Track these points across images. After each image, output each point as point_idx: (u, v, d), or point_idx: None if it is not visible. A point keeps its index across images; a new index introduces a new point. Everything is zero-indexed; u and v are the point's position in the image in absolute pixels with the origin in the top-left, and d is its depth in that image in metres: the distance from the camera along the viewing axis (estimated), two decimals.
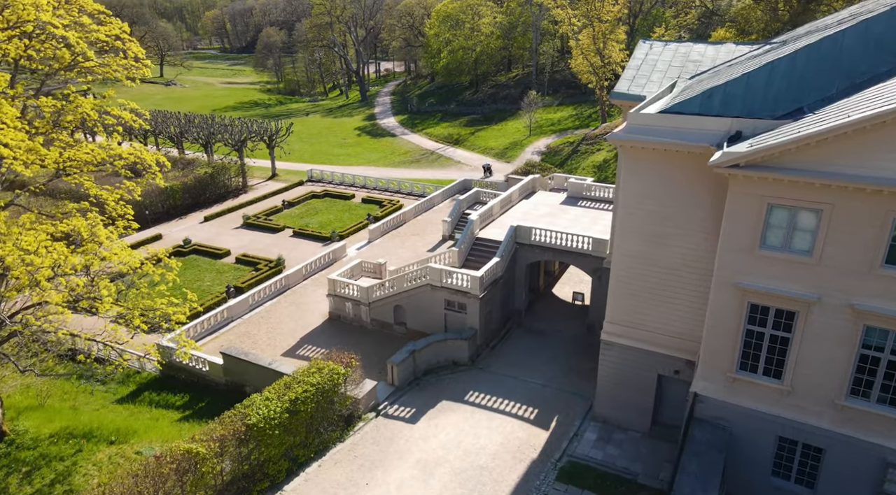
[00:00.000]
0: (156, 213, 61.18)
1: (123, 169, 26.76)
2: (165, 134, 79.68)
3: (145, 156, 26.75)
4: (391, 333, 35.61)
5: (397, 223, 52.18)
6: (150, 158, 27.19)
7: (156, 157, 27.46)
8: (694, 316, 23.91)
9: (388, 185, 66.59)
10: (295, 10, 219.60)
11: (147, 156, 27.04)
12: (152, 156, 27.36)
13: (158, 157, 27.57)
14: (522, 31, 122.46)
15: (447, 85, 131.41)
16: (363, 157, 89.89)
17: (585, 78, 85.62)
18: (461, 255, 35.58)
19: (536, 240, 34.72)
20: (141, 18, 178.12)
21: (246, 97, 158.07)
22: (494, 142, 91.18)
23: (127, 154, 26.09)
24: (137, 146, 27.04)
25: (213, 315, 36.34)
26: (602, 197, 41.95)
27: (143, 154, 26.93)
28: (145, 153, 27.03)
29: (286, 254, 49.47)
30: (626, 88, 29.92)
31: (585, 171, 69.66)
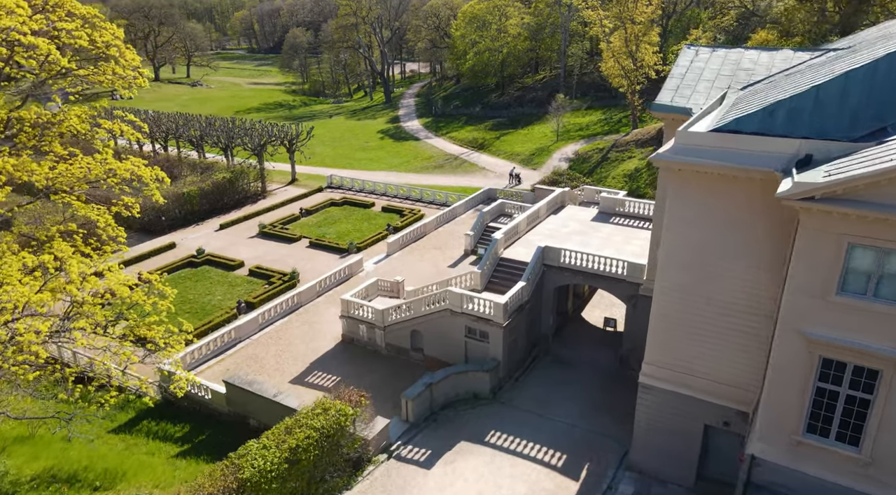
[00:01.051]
0: (173, 219, 59.78)
1: (120, 185, 24.67)
2: (186, 137, 78.53)
3: (143, 172, 24.69)
4: (407, 360, 33.18)
5: (417, 235, 49.77)
6: (147, 175, 25.14)
7: (154, 173, 25.39)
8: (748, 362, 20.98)
9: (409, 193, 64.27)
10: (322, 11, 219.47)
11: (145, 172, 24.99)
12: (151, 172, 25.29)
13: (157, 173, 25.49)
14: (550, 33, 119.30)
15: (473, 87, 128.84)
16: (385, 162, 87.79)
17: (616, 82, 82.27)
18: (484, 277, 32.99)
19: (566, 262, 31.96)
20: (169, 19, 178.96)
21: (270, 98, 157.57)
22: (520, 148, 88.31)
23: (123, 170, 23.97)
24: (136, 161, 24.96)
25: (220, 335, 34.32)
26: (636, 213, 38.95)
27: (141, 170, 24.87)
28: (143, 169, 24.97)
29: (301, 266, 47.43)
30: (669, 99, 27.03)
31: (616, 181, 66.47)
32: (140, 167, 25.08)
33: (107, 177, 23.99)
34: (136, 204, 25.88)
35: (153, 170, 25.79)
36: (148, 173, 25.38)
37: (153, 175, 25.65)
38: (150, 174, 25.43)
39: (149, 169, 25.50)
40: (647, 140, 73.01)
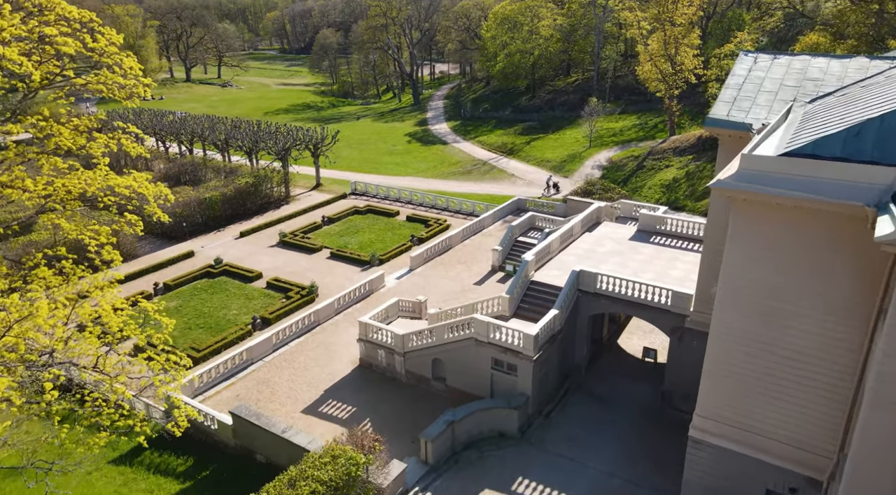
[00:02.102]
0: (194, 225, 58.51)
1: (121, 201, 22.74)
2: (211, 140, 77.56)
3: (145, 189, 22.72)
4: (428, 389, 30.81)
5: (442, 248, 47.38)
6: (150, 191, 23.19)
7: (157, 190, 23.43)
8: (821, 422, 18.08)
9: (434, 202, 61.95)
10: (353, 12, 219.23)
11: (148, 189, 23.01)
12: (154, 189, 23.34)
13: (161, 190, 23.51)
14: (584, 34, 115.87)
15: (502, 89, 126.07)
16: (412, 167, 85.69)
17: (653, 86, 78.73)
18: (513, 302, 30.41)
19: (603, 288, 29.22)
20: (201, 20, 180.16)
21: (299, 99, 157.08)
22: (551, 154, 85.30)
23: (123, 187, 22.04)
24: (138, 176, 23.04)
25: (231, 357, 32.40)
26: (680, 232, 35.89)
27: (143, 187, 22.90)
28: (146, 185, 23.01)
29: (320, 279, 45.45)
30: (724, 113, 24.12)
31: (652, 191, 63.15)
32: (142, 183, 23.16)
33: (105, 195, 22.08)
34: (139, 221, 23.95)
35: (157, 186, 23.86)
36: (151, 190, 23.46)
37: (157, 192, 23.75)
38: (153, 190, 23.50)
39: (153, 185, 23.58)
40: (685, 148, 69.45)
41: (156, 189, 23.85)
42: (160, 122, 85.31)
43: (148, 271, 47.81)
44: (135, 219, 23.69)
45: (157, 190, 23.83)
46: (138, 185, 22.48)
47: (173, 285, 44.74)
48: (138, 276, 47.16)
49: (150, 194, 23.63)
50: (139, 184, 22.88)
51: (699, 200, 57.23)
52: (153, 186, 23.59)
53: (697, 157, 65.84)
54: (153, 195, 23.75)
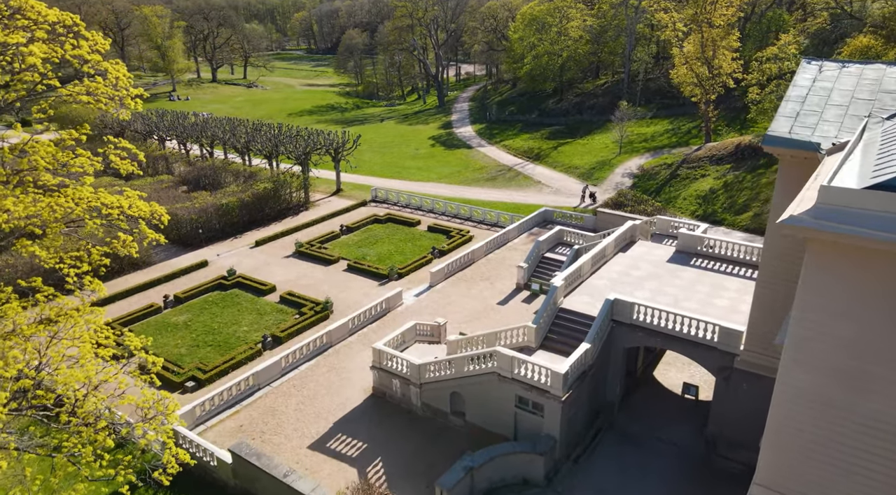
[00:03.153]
0: (211, 232, 56.98)
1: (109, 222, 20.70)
2: (231, 144, 76.26)
3: (137, 209, 20.68)
4: (446, 424, 28.37)
5: (464, 263, 44.88)
6: (145, 210, 21.15)
7: (152, 210, 21.39)
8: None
9: (457, 211, 59.48)
10: (379, 12, 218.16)
11: (142, 208, 20.97)
12: (147, 208, 21.30)
13: (155, 209, 21.48)
14: (614, 36, 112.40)
15: (529, 92, 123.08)
16: (435, 172, 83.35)
17: (688, 90, 75.12)
18: (539, 332, 27.77)
19: (640, 319, 26.44)
20: (227, 21, 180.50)
21: (323, 100, 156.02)
22: (579, 160, 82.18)
23: (112, 207, 20.00)
24: (130, 194, 21.03)
25: (237, 383, 30.35)
26: (725, 255, 32.80)
27: (135, 207, 20.86)
28: (138, 205, 20.97)
29: (336, 294, 43.35)
30: (786, 130, 21.19)
31: (687, 202, 59.76)
32: (134, 201, 21.12)
33: (92, 216, 20.07)
34: (133, 243, 21.91)
35: (151, 206, 21.80)
36: (145, 208, 21.42)
37: (151, 211, 21.70)
38: (147, 209, 21.46)
39: (146, 204, 21.53)
40: (722, 156, 65.83)
41: (150, 208, 21.85)
42: (182, 123, 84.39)
43: (159, 282, 46.23)
44: (129, 239, 21.73)
45: (152, 209, 21.83)
46: (128, 205, 20.45)
47: (184, 297, 43.05)
48: (149, 287, 45.60)
49: (145, 214, 21.65)
50: (130, 204, 20.86)
51: (739, 214, 53.80)
52: (146, 205, 21.57)
53: (736, 167, 62.26)
54: (148, 215, 21.79)
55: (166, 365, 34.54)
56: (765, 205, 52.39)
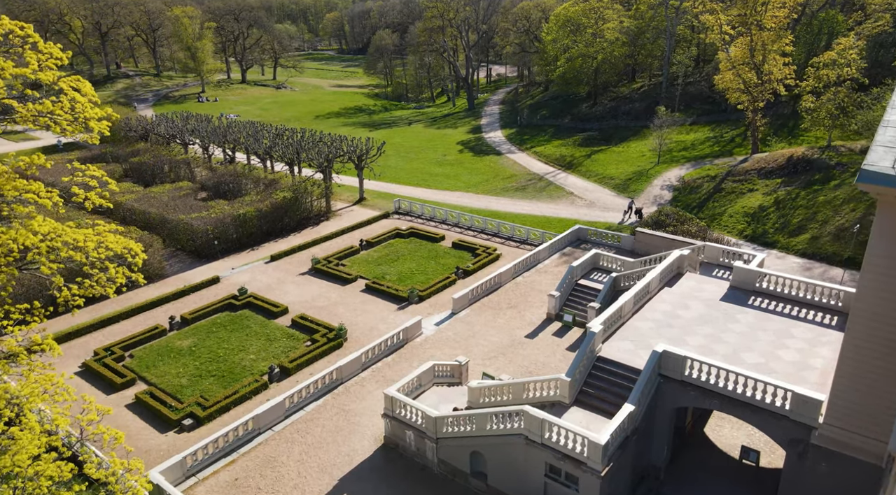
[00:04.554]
0: (227, 243, 54.64)
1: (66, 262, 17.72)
2: (253, 150, 74.09)
3: (103, 250, 17.71)
4: (465, 486, 24.98)
5: (490, 288, 41.38)
6: (117, 245, 18.19)
7: (127, 245, 18.45)
8: None
9: (484, 226, 55.98)
10: (411, 13, 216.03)
11: (112, 241, 18.03)
12: (122, 243, 18.37)
13: (130, 245, 18.53)
14: (653, 38, 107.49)
15: (562, 95, 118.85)
16: (462, 180, 79.96)
17: (734, 97, 70.28)
18: (574, 386, 24.16)
19: (693, 376, 22.65)
20: (258, 21, 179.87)
21: (351, 102, 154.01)
22: (614, 170, 77.89)
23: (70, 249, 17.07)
24: (101, 229, 18.11)
25: (234, 428, 27.42)
26: (791, 295, 28.61)
27: (108, 244, 17.94)
28: (109, 241, 18.03)
29: (351, 318, 40.34)
30: (889, 164, 17.22)
31: (734, 220, 55.18)
32: (107, 236, 18.18)
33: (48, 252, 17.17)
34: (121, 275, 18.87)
35: (126, 241, 18.84)
36: (118, 243, 18.47)
37: (124, 246, 18.76)
38: (120, 244, 18.51)
39: (120, 240, 18.58)
40: (772, 169, 60.95)
41: (123, 243, 18.92)
42: (205, 128, 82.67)
43: (167, 299, 43.84)
44: (114, 272, 18.75)
45: (127, 244, 18.89)
46: (94, 245, 17.47)
47: (191, 319, 40.51)
48: (157, 305, 43.26)
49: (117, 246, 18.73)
50: (100, 242, 17.91)
51: (794, 235, 49.12)
52: (119, 241, 18.59)
53: (787, 181, 57.41)
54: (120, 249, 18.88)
55: (164, 398, 31.95)
56: (823, 226, 47.72)
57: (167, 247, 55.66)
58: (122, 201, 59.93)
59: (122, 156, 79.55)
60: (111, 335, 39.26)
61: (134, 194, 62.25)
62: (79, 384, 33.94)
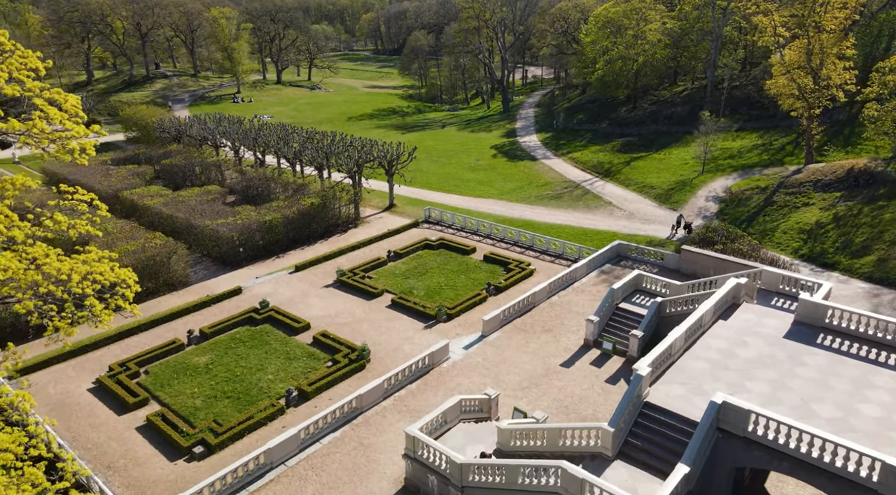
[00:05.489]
0: (253, 250, 53.28)
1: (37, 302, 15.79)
2: (283, 154, 72.81)
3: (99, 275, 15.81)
4: None
5: (523, 308, 38.73)
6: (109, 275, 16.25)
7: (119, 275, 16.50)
8: None
9: (518, 238, 53.28)
10: (447, 13, 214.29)
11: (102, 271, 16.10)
12: (115, 273, 16.42)
13: (123, 275, 16.59)
14: (697, 40, 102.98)
15: (600, 98, 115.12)
16: (495, 187, 77.35)
17: (787, 103, 65.90)
18: (618, 437, 21.44)
19: (759, 434, 19.72)
20: (294, 22, 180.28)
21: (385, 103, 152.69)
22: (655, 178, 74.21)
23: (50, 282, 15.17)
24: (88, 257, 16.22)
25: (244, 463, 25.44)
26: (869, 336, 25.20)
27: (97, 272, 16.01)
28: (100, 268, 16.11)
29: (375, 337, 38.22)
30: None
31: (788, 237, 51.28)
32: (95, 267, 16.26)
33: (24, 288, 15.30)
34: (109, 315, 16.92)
35: (119, 271, 16.89)
36: (109, 274, 16.54)
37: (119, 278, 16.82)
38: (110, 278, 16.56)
39: (110, 267, 16.65)
40: (830, 182, 56.68)
41: (118, 272, 16.99)
42: (237, 130, 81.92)
43: (188, 311, 42.44)
44: (99, 310, 16.80)
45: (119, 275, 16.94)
46: (79, 278, 15.53)
47: (210, 333, 38.93)
48: (177, 316, 41.90)
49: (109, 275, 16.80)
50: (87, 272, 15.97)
51: (857, 257, 45.09)
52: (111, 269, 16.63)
53: (848, 196, 53.17)
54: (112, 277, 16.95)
55: (175, 422, 30.28)
56: (892, 247, 43.65)
57: (193, 252, 54.61)
58: (150, 205, 59.16)
59: (154, 158, 79.29)
60: (128, 348, 37.94)
61: (162, 198, 61.42)
62: (90, 402, 32.60)
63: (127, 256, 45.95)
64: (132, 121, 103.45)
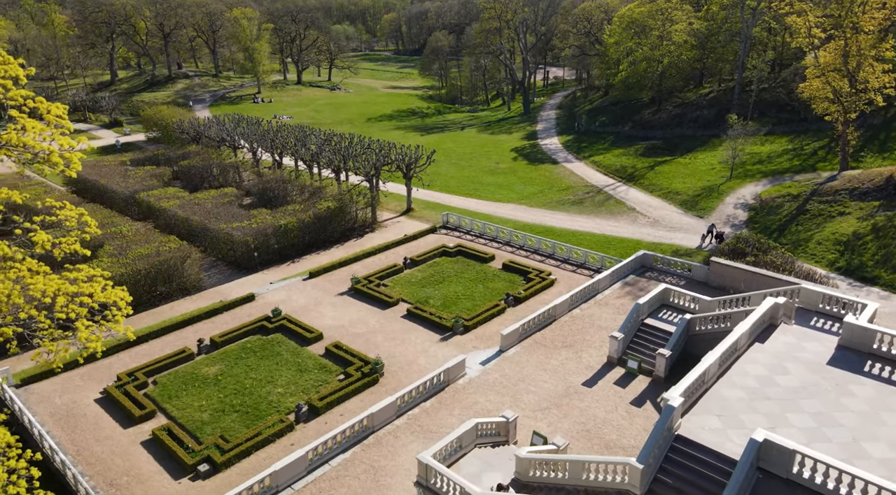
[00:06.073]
0: (268, 254, 52.44)
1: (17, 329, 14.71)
2: (300, 155, 71.94)
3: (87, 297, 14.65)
4: None
5: (543, 322, 37.09)
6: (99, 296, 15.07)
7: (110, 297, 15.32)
8: None
9: (538, 246, 51.62)
10: (468, 14, 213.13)
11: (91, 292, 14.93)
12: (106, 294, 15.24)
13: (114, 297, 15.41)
14: (725, 41, 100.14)
15: (623, 100, 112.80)
16: (515, 191, 75.69)
17: (821, 107, 63.32)
18: (646, 474, 19.78)
19: (805, 477, 17.95)
20: (315, 23, 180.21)
21: (405, 104, 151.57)
22: (680, 184, 71.96)
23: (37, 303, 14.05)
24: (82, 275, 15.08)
25: (248, 487, 24.22)
26: None
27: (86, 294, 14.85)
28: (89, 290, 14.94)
29: (389, 349, 36.93)
30: None
31: (823, 249, 48.92)
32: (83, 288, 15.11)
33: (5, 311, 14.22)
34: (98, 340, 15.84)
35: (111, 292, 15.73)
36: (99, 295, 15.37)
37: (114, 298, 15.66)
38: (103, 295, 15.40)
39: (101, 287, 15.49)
40: (868, 190, 54.10)
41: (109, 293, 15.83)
42: (255, 131, 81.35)
43: (200, 318, 41.56)
44: (84, 337, 15.69)
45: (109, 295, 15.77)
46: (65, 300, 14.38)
47: (220, 342, 37.96)
48: (189, 323, 41.03)
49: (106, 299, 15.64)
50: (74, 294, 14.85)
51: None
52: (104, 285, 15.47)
53: (887, 205, 50.60)
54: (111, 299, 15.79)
55: (181, 437, 29.27)
56: None
57: (208, 256, 53.92)
58: (166, 207, 58.62)
59: (173, 159, 79.00)
60: (138, 356, 37.10)
61: (179, 200, 60.84)
62: (97, 414, 31.75)
63: (140, 260, 45.29)
64: (153, 121, 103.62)
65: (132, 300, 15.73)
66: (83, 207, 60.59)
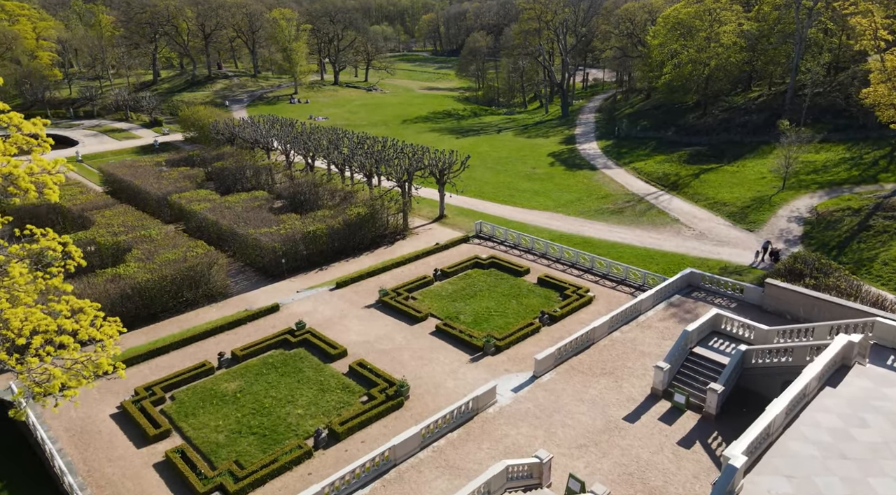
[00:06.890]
0: (296, 260, 51.21)
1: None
2: (332, 159, 70.64)
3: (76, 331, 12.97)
4: None
5: (580, 345, 34.53)
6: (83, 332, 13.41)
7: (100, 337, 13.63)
8: None
9: (575, 259, 48.91)
10: (507, 14, 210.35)
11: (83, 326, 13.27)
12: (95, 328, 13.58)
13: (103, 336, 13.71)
14: (778, 42, 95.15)
15: (665, 104, 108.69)
16: (552, 198, 72.98)
17: (887, 114, 58.94)
18: None
19: None
20: (353, 23, 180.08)
21: (441, 106, 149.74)
22: (728, 194, 68.13)
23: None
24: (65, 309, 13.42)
25: None
26: None
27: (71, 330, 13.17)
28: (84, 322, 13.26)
29: (416, 368, 34.94)
30: None
31: (890, 270, 44.96)
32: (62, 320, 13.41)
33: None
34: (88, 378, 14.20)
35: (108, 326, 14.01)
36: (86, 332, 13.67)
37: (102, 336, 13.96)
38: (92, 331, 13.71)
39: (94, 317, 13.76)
40: None
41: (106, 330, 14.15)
42: (289, 132, 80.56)
43: (223, 328, 40.31)
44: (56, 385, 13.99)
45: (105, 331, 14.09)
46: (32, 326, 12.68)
47: (241, 356, 36.54)
48: (211, 334, 39.81)
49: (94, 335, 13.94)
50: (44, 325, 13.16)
51: None
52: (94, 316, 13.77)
53: None
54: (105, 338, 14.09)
55: (195, 461, 27.79)
56: None
57: (236, 261, 52.99)
58: (196, 210, 57.90)
59: (207, 160, 78.79)
60: (157, 368, 35.96)
61: (209, 202, 60.07)
62: (111, 431, 30.59)
63: (167, 265, 44.40)
64: (190, 121, 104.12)
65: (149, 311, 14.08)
66: (118, 208, 60.77)
